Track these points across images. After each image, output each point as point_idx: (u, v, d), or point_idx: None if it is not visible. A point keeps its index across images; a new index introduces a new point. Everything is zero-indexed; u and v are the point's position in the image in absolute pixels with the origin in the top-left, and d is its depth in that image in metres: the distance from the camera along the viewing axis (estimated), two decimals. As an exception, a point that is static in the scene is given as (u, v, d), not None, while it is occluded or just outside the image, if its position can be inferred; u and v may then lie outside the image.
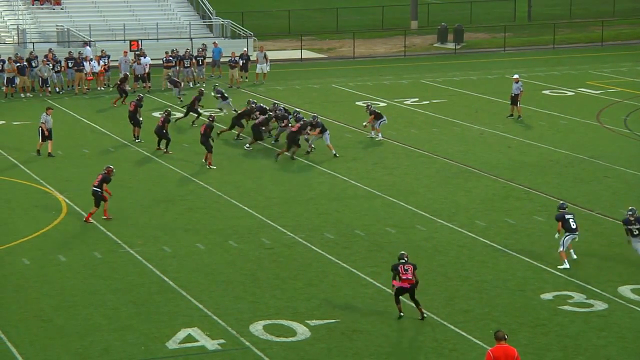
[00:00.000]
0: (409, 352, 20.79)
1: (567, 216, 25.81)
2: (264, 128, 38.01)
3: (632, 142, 38.84)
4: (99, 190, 28.86)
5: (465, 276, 24.95)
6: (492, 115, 43.49)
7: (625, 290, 23.89)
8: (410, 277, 21.93)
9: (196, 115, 41.07)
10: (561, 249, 25.61)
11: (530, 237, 27.73)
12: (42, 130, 36.31)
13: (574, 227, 25.66)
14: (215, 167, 34.35)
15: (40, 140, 36.41)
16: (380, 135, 38.38)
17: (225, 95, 42.98)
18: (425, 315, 22.11)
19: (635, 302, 23.19)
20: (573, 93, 48.92)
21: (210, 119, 35.75)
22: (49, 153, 36.39)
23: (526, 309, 22.91)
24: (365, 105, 37.18)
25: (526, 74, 52.57)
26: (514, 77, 43.36)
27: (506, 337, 17.80)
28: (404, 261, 22.13)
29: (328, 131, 36.88)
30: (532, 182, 33.04)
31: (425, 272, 25.10)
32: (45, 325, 22.07)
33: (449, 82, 52.03)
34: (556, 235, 25.94)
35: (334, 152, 36.23)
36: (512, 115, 42.41)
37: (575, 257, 25.90)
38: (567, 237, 25.64)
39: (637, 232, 25.25)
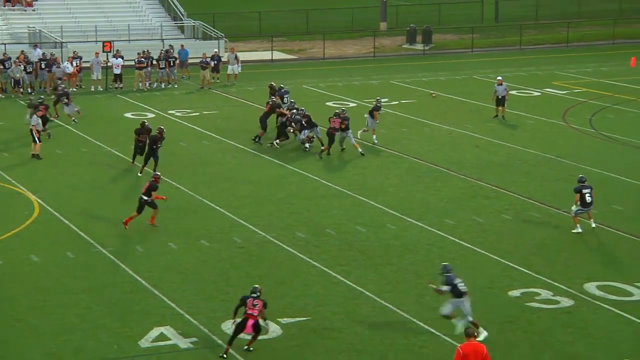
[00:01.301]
0: (380, 350, 20.81)
1: (584, 190, 27.65)
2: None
3: (597, 142, 39.07)
4: (145, 198, 28.30)
5: (434, 274, 24.98)
6: (461, 115, 43.62)
7: (591, 287, 24.04)
8: (256, 314, 20.24)
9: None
10: (573, 214, 27.71)
11: (498, 235, 27.84)
12: (35, 131, 35.83)
13: (589, 201, 27.59)
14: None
15: (36, 143, 35.87)
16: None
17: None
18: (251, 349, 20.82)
19: (601, 299, 23.34)
20: (539, 93, 49.16)
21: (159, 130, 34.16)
22: (36, 155, 35.88)
23: (494, 306, 23.00)
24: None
25: (493, 74, 52.72)
26: (497, 78, 43.27)
27: (476, 334, 17.85)
28: (255, 295, 20.48)
29: (318, 127, 37.11)
30: (500, 181, 33.18)
31: (395, 271, 25.17)
32: (18, 325, 21.94)
33: (418, 82, 52.15)
34: (573, 207, 27.74)
35: (321, 148, 36.51)
36: (497, 115, 42.45)
37: (594, 225, 27.89)
38: (579, 210, 27.64)
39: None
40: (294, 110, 37.95)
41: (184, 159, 35.98)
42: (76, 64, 49.48)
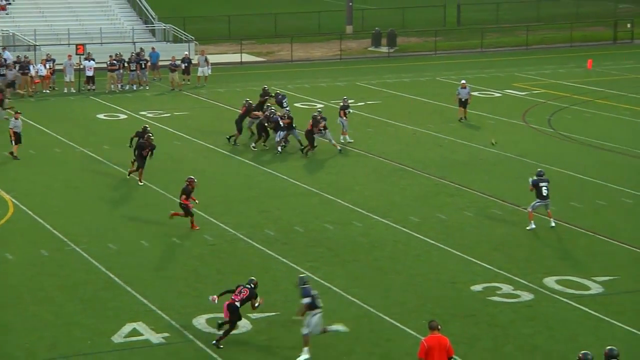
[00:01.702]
0: (347, 342, 20.81)
1: (541, 183, 27.66)
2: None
3: (555, 141, 39.29)
4: (182, 203, 27.95)
5: (400, 270, 25.06)
6: (425, 116, 43.73)
7: (550, 281, 24.17)
8: (237, 299, 20.46)
9: None
10: (530, 209, 27.74)
11: (461, 232, 27.94)
12: (11, 134, 35.59)
13: (545, 194, 27.58)
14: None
15: (14, 144, 35.66)
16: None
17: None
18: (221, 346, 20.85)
19: (559, 293, 23.47)
20: (500, 94, 49.38)
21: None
22: (13, 154, 35.66)
23: (458, 300, 23.07)
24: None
25: (455, 76, 52.94)
26: (461, 82, 43.21)
27: (439, 327, 17.90)
28: (248, 285, 20.79)
29: (296, 130, 37.12)
30: (463, 179, 33.29)
31: (362, 267, 25.19)
32: (-8, 322, 21.78)
33: (383, 84, 52.24)
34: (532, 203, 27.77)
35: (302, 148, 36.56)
36: (463, 118, 42.35)
37: (553, 224, 27.84)
38: (537, 203, 27.64)
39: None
40: (272, 109, 37.75)
41: (155, 159, 35.80)
42: (49, 66, 49.17)
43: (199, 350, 20.44)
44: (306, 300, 20.09)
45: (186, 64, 51.32)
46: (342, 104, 38.99)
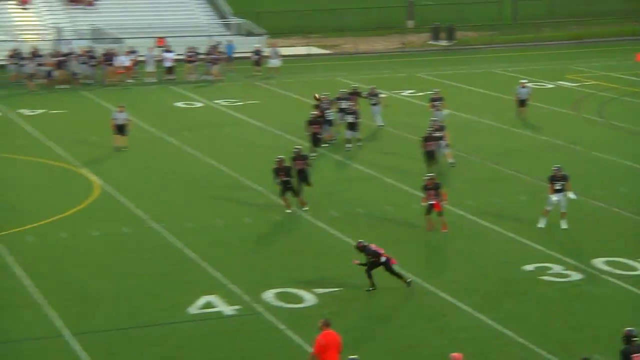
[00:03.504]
0: (405, 317, 20.82)
1: (556, 180, 26.33)
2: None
3: (605, 130, 38.76)
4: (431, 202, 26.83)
5: (455, 250, 24.97)
6: (480, 105, 43.31)
7: (599, 262, 23.90)
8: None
9: None
10: (548, 207, 26.37)
11: (515, 215, 27.69)
12: (114, 126, 35.31)
13: (559, 188, 26.17)
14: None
15: (117, 135, 35.20)
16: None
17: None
18: (409, 280, 22.09)
19: (607, 273, 23.21)
20: (553, 85, 48.77)
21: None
22: (119, 147, 35.13)
23: (510, 279, 22.94)
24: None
25: (511, 67, 52.41)
26: (521, 82, 41.25)
27: (330, 324, 17.40)
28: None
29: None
30: (516, 165, 32.97)
31: (419, 246, 25.15)
32: (80, 292, 22.16)
33: (442, 75, 51.89)
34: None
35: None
36: (521, 117, 40.66)
37: (565, 227, 26.31)
38: (553, 198, 26.18)
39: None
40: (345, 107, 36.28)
41: (231, 144, 36.09)
42: (132, 58, 49.69)
43: (268, 323, 20.60)
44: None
45: (258, 57, 51.49)
46: (368, 92, 38.46)
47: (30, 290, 22.10)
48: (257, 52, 51.79)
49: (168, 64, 49.98)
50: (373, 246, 22.14)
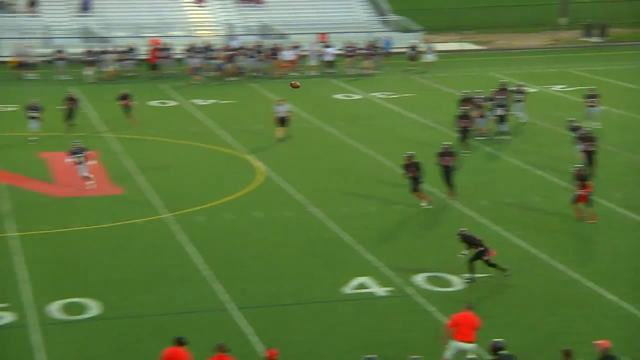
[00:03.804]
0: (551, 305, 20.44)
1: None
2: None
3: None
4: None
5: (602, 241, 24.32)
6: (635, 101, 41.85)
7: None
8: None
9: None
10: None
11: None
12: (276, 118, 35.46)
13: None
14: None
15: (279, 127, 35.34)
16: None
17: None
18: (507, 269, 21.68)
19: None
20: None
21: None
22: (281, 138, 35.20)
23: (656, 271, 22.18)
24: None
25: (664, 64, 50.47)
26: None
27: (472, 307, 17.45)
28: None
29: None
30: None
31: (567, 236, 24.62)
32: (245, 270, 22.70)
33: (594, 71, 50.40)
34: None
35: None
36: None
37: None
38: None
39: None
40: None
41: (384, 134, 36.14)
42: (296, 52, 50.42)
43: (418, 305, 20.60)
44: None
45: (413, 52, 51.38)
46: (515, 88, 37.40)
47: (199, 266, 22.79)
48: (413, 48, 51.68)
49: (329, 58, 50.48)
50: (475, 236, 21.70)
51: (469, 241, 21.65)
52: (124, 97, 37.22)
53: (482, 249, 21.47)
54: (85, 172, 29.27)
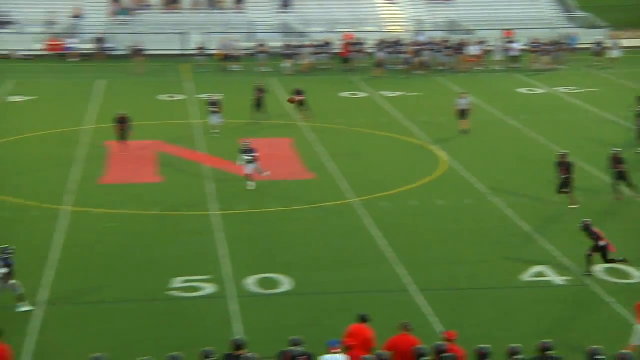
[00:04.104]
0: None
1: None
2: None
3: None
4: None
5: None
6: None
7: None
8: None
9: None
10: None
11: None
12: (458, 111, 35.16)
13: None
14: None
15: (460, 120, 35.04)
16: None
17: None
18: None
19: None
20: None
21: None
22: (463, 130, 34.77)
23: None
24: None
25: None
26: None
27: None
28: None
29: None
30: None
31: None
32: (426, 254, 22.66)
33: None
34: None
35: None
36: None
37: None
38: None
39: None
40: None
41: (566, 128, 35.09)
42: (482, 47, 49.74)
43: (596, 295, 19.96)
44: None
45: (599, 48, 49.74)
46: None
47: (383, 249, 22.96)
48: (598, 44, 49.95)
49: (514, 53, 49.53)
50: (596, 229, 20.64)
51: (588, 232, 20.74)
52: (298, 93, 36.41)
53: (603, 243, 20.48)
54: (251, 170, 27.66)
